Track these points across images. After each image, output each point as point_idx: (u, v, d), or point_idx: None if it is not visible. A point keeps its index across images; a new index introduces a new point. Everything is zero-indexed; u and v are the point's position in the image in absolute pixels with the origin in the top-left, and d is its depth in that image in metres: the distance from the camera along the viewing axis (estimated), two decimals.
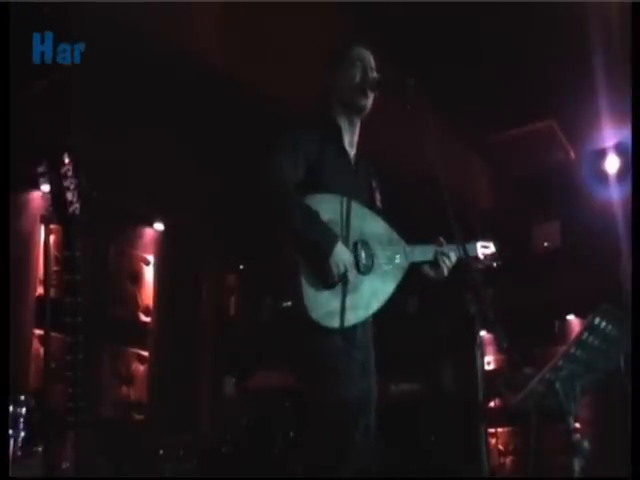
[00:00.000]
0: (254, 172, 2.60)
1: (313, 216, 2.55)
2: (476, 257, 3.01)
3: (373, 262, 2.69)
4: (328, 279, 2.54)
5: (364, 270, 2.66)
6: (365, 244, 2.69)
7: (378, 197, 2.92)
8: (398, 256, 2.76)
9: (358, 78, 2.80)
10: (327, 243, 2.53)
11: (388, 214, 2.87)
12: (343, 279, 2.56)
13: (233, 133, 5.09)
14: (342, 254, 2.55)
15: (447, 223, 2.50)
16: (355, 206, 2.68)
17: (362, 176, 2.88)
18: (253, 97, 4.78)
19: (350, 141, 2.88)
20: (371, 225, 2.75)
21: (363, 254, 2.67)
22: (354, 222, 2.65)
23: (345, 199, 2.66)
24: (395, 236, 2.80)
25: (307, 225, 2.55)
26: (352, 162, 2.86)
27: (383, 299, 2.70)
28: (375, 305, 2.68)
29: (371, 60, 2.85)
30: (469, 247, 2.93)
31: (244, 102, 4.82)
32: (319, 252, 2.52)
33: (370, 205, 2.84)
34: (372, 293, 2.67)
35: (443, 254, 2.80)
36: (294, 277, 2.53)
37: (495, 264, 3.06)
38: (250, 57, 4.54)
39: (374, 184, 2.93)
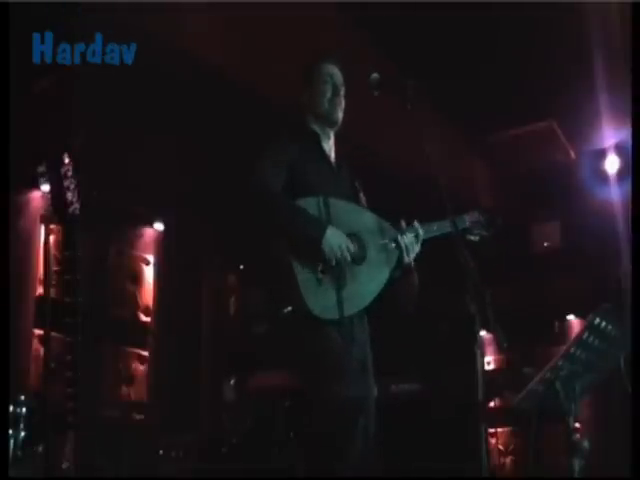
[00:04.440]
0: (243, 176, 2.69)
1: (300, 210, 2.65)
2: (468, 229, 3.02)
3: (366, 252, 2.76)
4: (326, 263, 2.61)
5: (357, 260, 2.72)
6: (355, 236, 2.75)
7: (362, 197, 3.00)
8: (390, 243, 2.81)
9: (329, 94, 2.91)
10: (318, 229, 2.62)
11: (376, 209, 2.93)
12: (341, 260, 2.63)
13: (233, 133, 5.08)
14: (335, 237, 2.63)
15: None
16: (340, 203, 2.77)
17: (345, 177, 2.98)
18: (253, 97, 4.78)
19: (329, 146, 2.98)
20: (359, 218, 2.83)
21: (355, 246, 2.73)
22: (342, 218, 2.73)
23: (325, 199, 2.73)
24: (385, 224, 2.86)
25: (295, 218, 2.64)
26: (334, 165, 2.96)
27: (379, 287, 2.76)
28: (372, 294, 2.74)
29: (340, 76, 2.94)
30: (458, 221, 2.94)
31: (244, 102, 4.81)
32: (312, 241, 2.60)
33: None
34: (368, 281, 2.74)
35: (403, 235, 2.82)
36: (289, 278, 2.58)
37: (488, 233, 3.06)
38: (250, 57, 4.54)
39: (357, 184, 3.01)
